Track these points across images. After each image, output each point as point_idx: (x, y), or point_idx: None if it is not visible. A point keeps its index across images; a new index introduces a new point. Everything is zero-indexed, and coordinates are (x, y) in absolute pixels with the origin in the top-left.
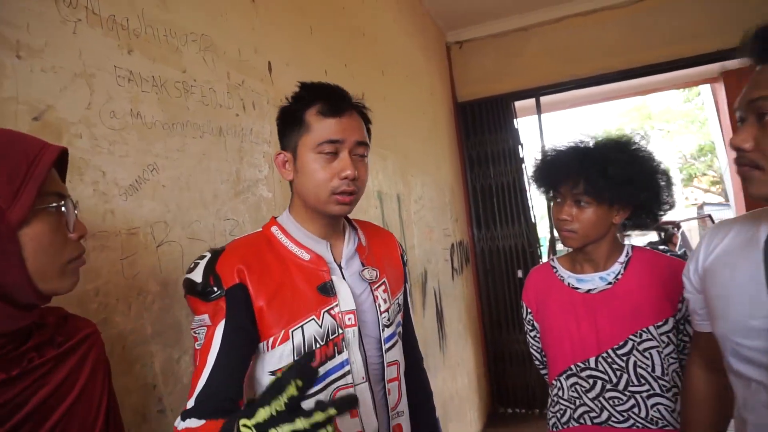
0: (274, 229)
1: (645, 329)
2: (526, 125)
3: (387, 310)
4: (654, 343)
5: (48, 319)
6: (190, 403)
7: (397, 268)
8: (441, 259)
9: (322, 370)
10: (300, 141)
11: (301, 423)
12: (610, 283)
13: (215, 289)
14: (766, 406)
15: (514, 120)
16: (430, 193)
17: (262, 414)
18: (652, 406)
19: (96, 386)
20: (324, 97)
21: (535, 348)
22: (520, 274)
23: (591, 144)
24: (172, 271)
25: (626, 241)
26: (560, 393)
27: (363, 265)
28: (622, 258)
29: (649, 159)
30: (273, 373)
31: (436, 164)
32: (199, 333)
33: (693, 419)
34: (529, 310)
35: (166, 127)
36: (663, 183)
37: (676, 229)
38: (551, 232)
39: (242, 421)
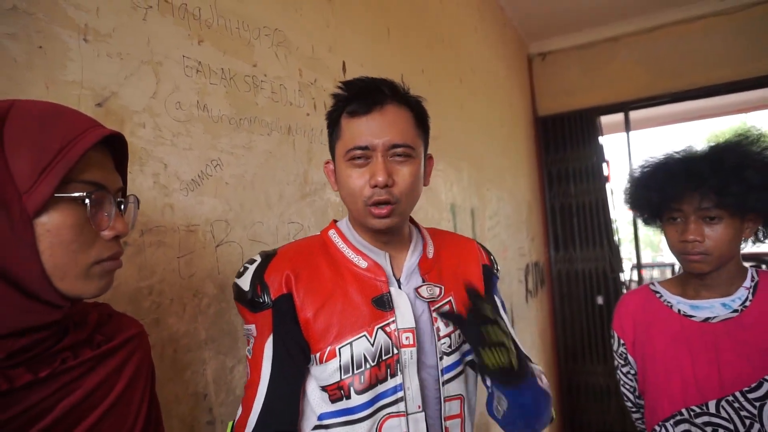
0: (332, 233)
1: None
2: (610, 143)
3: (448, 335)
4: None
5: (90, 317)
6: (252, 423)
7: (474, 283)
8: (515, 279)
9: (371, 394)
10: (336, 148)
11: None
12: (735, 311)
13: (262, 299)
14: None
15: (599, 136)
16: (506, 209)
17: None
18: None
19: (136, 394)
20: (355, 94)
21: (627, 387)
22: (600, 300)
23: (704, 150)
24: (230, 273)
25: None
26: None
27: (423, 280)
28: (748, 283)
29: None
30: (324, 389)
31: (513, 179)
32: (249, 340)
33: None
34: (622, 342)
35: (233, 122)
36: None
37: None
38: (637, 257)
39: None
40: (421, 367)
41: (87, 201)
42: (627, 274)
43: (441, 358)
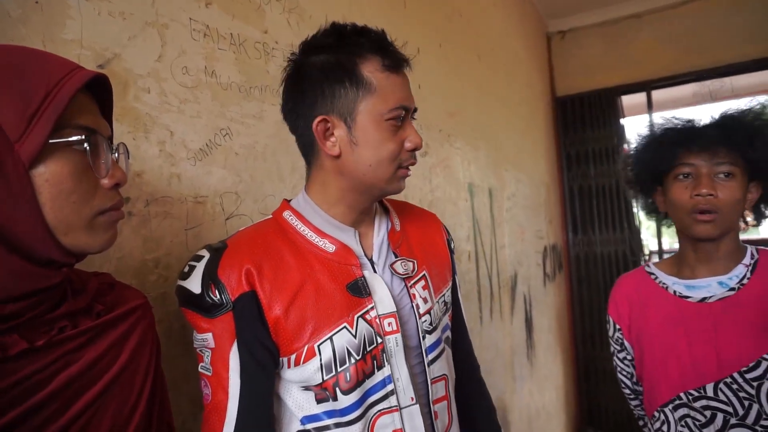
0: (287, 214)
1: None
2: (632, 124)
3: (428, 312)
4: None
5: (89, 285)
6: None
7: (441, 257)
8: (533, 262)
9: (359, 393)
10: (360, 105)
11: None
12: (732, 289)
13: (219, 300)
14: None
15: (620, 117)
16: (524, 190)
17: None
18: None
19: (139, 367)
20: (382, 48)
21: (624, 373)
22: None
23: (721, 114)
24: None
25: None
26: (664, 428)
27: (395, 255)
28: (747, 260)
29: None
30: (307, 388)
31: (532, 160)
32: (204, 354)
33: None
34: (618, 327)
35: (243, 90)
36: None
37: None
38: (659, 241)
39: None
40: (407, 353)
41: (86, 145)
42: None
43: (423, 338)
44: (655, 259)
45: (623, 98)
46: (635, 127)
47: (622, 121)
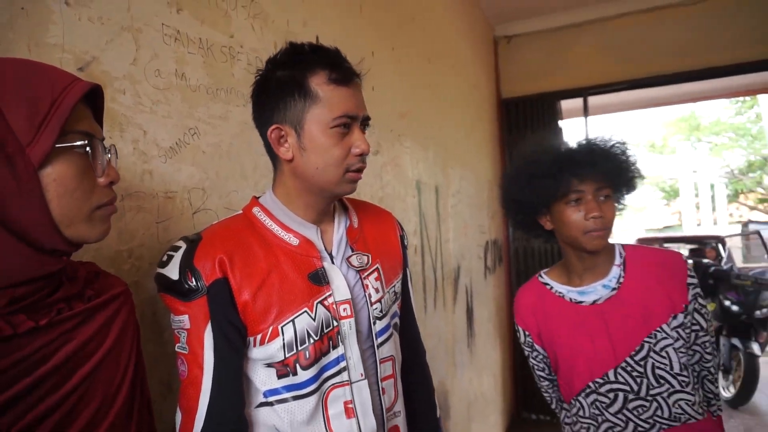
0: (256, 210)
1: (659, 329)
2: (569, 127)
3: (379, 301)
4: (668, 341)
5: (79, 273)
6: (199, 425)
7: (393, 252)
8: (475, 256)
9: (316, 368)
10: (307, 114)
11: None
12: (614, 289)
13: (196, 286)
14: None
15: (559, 120)
16: (469, 188)
17: None
18: (674, 403)
19: (124, 347)
20: (330, 63)
21: (538, 369)
22: None
23: (583, 142)
24: None
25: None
26: (580, 413)
27: (352, 250)
28: (618, 259)
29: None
30: (269, 365)
31: (477, 159)
32: (180, 335)
33: None
34: (527, 333)
35: (210, 92)
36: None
37: (719, 244)
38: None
39: None
40: (359, 335)
41: (88, 149)
42: None
43: (374, 323)
44: None
45: (562, 102)
46: (573, 130)
47: (561, 123)
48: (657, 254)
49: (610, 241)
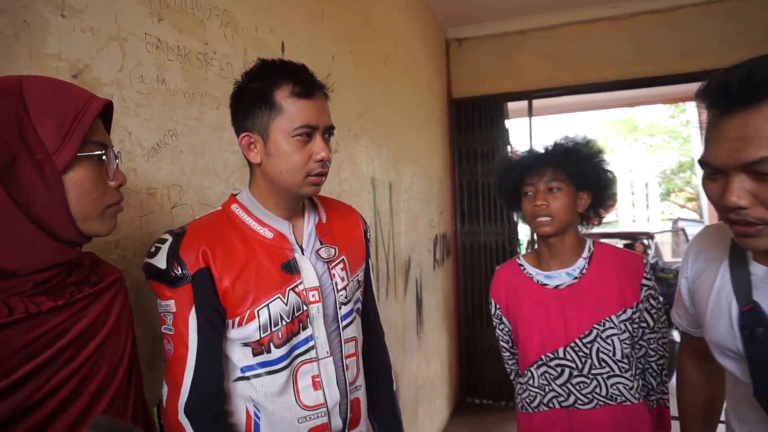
0: (234, 207)
1: (608, 318)
2: (515, 126)
3: (344, 288)
4: (615, 331)
5: (84, 261)
6: (184, 396)
7: (357, 244)
8: (424, 249)
9: (288, 347)
10: (272, 124)
11: None
12: (576, 278)
13: (181, 275)
14: (745, 396)
15: (505, 120)
16: (420, 184)
17: None
18: (612, 385)
19: (122, 328)
20: (294, 78)
21: (502, 340)
22: None
23: (553, 143)
24: None
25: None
26: (531, 381)
27: (321, 243)
28: (585, 253)
29: (602, 153)
30: (246, 344)
31: (428, 157)
32: (166, 317)
33: (688, 403)
34: (497, 306)
35: (187, 96)
36: (612, 179)
37: (649, 240)
38: (531, 234)
39: None
40: (326, 319)
41: (104, 158)
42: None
43: (340, 308)
44: (530, 247)
45: (509, 103)
46: (518, 130)
47: (508, 123)
48: (621, 254)
49: (588, 239)
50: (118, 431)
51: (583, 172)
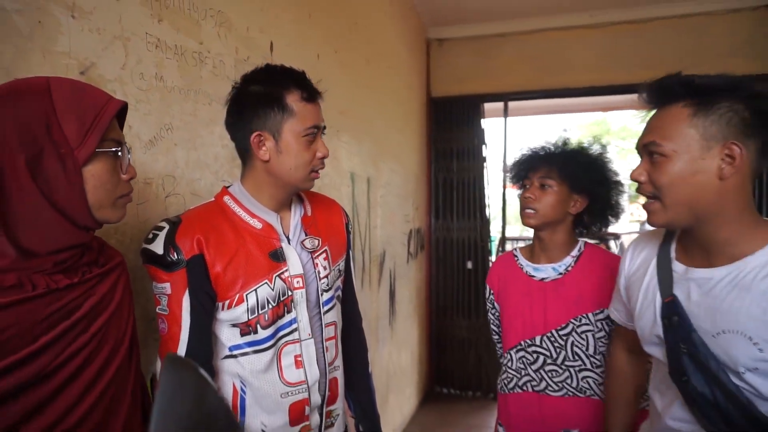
0: (226, 199)
1: (584, 315)
2: (492, 125)
3: (326, 276)
4: (590, 328)
5: (93, 244)
6: None
7: (340, 236)
8: (399, 243)
9: (273, 328)
10: (284, 125)
11: None
12: (561, 273)
13: (177, 260)
14: (664, 375)
15: (482, 120)
16: (397, 179)
17: None
18: (583, 378)
19: (125, 306)
20: (302, 84)
21: (492, 323)
22: (469, 265)
23: (561, 143)
24: None
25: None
26: (509, 364)
27: (306, 234)
28: (575, 252)
29: (609, 162)
30: (234, 325)
31: (405, 153)
32: (161, 299)
33: (614, 389)
34: (491, 291)
35: (182, 93)
36: (617, 188)
37: (615, 240)
38: (503, 231)
39: None
40: (309, 304)
41: (120, 153)
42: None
43: (321, 294)
44: (509, 244)
45: (485, 103)
46: (494, 129)
47: (484, 123)
48: (608, 257)
49: (580, 239)
50: (186, 365)
51: (576, 175)
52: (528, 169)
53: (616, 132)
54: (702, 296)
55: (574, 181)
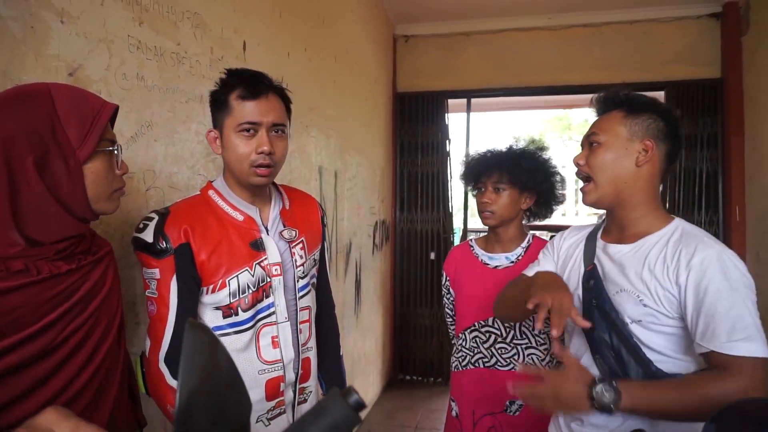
0: (211, 192)
1: None
2: (455, 121)
3: (302, 265)
4: None
5: (86, 234)
6: (165, 348)
7: (315, 228)
8: (365, 234)
9: (253, 311)
10: (225, 122)
11: None
12: (513, 262)
13: (165, 248)
14: (580, 330)
15: (446, 116)
16: (363, 173)
17: None
18: (528, 355)
19: (114, 292)
20: (243, 82)
21: (447, 307)
22: (432, 256)
23: (506, 148)
24: None
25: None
26: (463, 343)
27: (284, 226)
28: (524, 243)
29: (549, 160)
30: (217, 308)
31: (372, 147)
32: (151, 283)
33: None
34: (447, 278)
35: (161, 91)
36: (558, 181)
37: None
38: (465, 223)
39: None
40: (286, 289)
41: (116, 152)
42: (458, 237)
43: (297, 281)
44: (471, 235)
45: (449, 99)
46: (457, 125)
47: (448, 118)
48: None
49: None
50: (203, 328)
51: (525, 178)
52: (480, 174)
53: (576, 127)
54: (612, 264)
55: (524, 183)
